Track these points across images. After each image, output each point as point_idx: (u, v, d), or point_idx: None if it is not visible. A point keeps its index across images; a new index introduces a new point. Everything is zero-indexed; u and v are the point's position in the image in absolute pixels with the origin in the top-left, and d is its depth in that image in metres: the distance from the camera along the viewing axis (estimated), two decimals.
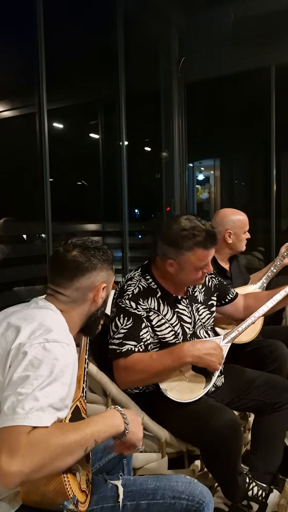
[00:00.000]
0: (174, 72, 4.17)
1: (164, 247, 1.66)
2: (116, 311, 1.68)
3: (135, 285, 1.71)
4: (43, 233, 3.05)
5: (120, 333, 1.62)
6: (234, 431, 1.56)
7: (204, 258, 1.65)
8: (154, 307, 1.70)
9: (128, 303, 1.66)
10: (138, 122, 4.19)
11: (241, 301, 2.04)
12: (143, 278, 1.74)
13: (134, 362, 1.58)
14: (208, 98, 4.36)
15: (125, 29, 3.62)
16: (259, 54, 3.74)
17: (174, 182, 4.31)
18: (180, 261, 1.64)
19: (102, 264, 1.28)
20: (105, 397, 1.68)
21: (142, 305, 1.67)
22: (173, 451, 1.73)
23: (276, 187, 3.96)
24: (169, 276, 1.71)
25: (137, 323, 1.64)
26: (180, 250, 1.62)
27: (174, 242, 1.62)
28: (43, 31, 2.87)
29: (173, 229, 1.63)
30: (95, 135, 4.28)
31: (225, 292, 1.98)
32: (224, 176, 5.90)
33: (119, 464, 1.41)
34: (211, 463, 1.67)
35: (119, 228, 3.80)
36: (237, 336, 1.80)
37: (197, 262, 1.64)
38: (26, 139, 3.30)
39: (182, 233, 1.61)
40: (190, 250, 1.62)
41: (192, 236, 1.60)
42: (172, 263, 1.66)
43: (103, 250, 1.30)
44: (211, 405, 1.64)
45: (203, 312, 1.84)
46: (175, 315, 1.74)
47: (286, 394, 1.81)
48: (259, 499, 1.71)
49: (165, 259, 1.67)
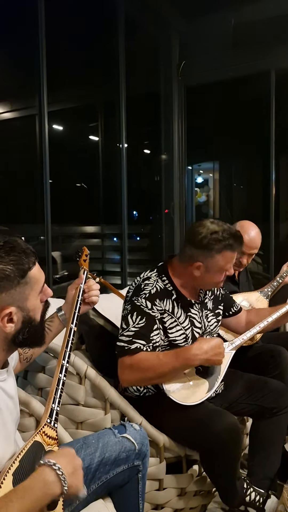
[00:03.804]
0: (174, 76, 4.19)
1: (193, 251, 1.68)
2: (130, 309, 1.66)
3: (153, 285, 1.71)
4: (42, 236, 3.05)
5: (131, 331, 1.61)
6: (235, 435, 1.56)
7: (230, 259, 1.70)
8: (169, 309, 1.70)
9: (144, 302, 1.66)
10: (138, 124, 4.20)
11: (243, 316, 2.04)
12: (159, 279, 1.73)
13: (140, 360, 1.57)
14: (208, 101, 4.37)
15: (126, 33, 3.63)
16: (259, 58, 3.77)
17: (173, 184, 4.32)
18: (208, 263, 1.67)
19: (1, 282, 1.01)
20: (103, 401, 1.68)
21: (158, 306, 1.67)
22: (171, 456, 1.73)
23: (275, 190, 3.97)
24: (190, 279, 1.73)
25: (149, 324, 1.64)
26: (210, 252, 1.65)
27: (205, 245, 1.65)
28: (44, 33, 2.87)
29: (202, 233, 1.66)
30: (94, 137, 4.28)
31: (229, 304, 1.99)
32: (223, 179, 5.91)
33: (134, 477, 1.36)
34: (210, 467, 1.67)
35: (118, 231, 3.80)
36: (241, 344, 1.80)
37: (224, 264, 1.69)
38: (26, 141, 3.30)
39: (212, 236, 1.65)
40: (220, 252, 1.65)
41: (222, 238, 1.64)
42: (199, 266, 1.68)
43: (3, 258, 1.02)
44: (212, 409, 1.64)
45: (212, 319, 1.85)
46: (187, 319, 1.74)
47: (284, 399, 1.81)
48: (256, 505, 1.70)
49: (191, 262, 1.69)
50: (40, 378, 1.73)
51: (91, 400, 1.68)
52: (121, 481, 1.33)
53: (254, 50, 3.72)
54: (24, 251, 1.06)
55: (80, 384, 1.66)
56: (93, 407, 1.68)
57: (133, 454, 1.32)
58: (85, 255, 1.66)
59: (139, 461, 1.34)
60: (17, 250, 1.05)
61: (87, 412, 1.66)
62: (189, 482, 1.76)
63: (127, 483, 1.34)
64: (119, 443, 1.31)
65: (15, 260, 1.03)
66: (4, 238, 1.06)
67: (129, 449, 1.32)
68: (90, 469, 1.25)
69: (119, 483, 1.33)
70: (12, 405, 1.13)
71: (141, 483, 1.36)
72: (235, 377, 1.89)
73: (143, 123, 4.50)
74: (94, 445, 1.30)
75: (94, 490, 1.27)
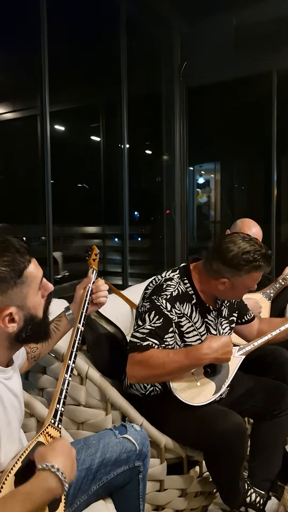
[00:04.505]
0: (175, 76, 4.19)
1: (221, 267, 1.64)
2: (149, 307, 1.65)
3: (175, 287, 1.69)
4: (43, 236, 3.05)
5: (146, 329, 1.60)
6: (240, 435, 1.56)
7: (257, 279, 1.67)
8: (187, 313, 1.69)
9: (164, 303, 1.65)
10: (139, 125, 4.20)
11: (256, 325, 2.02)
12: (182, 282, 1.72)
13: (151, 356, 1.56)
14: (209, 102, 4.37)
15: (128, 33, 3.63)
16: (260, 59, 3.76)
17: (175, 185, 4.32)
18: (235, 281, 1.65)
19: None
20: (104, 402, 1.68)
21: (177, 309, 1.66)
22: (172, 456, 1.73)
23: (277, 191, 3.97)
24: (213, 289, 1.71)
25: (166, 325, 1.63)
26: (239, 272, 1.62)
27: (235, 265, 1.61)
28: (47, 34, 2.88)
29: (233, 251, 1.62)
30: (96, 138, 4.29)
31: (243, 312, 1.98)
32: (224, 180, 5.91)
33: (135, 478, 1.36)
34: (214, 467, 1.67)
35: (119, 231, 3.80)
36: (252, 350, 1.78)
37: (250, 283, 1.67)
38: (28, 141, 3.30)
39: (243, 256, 1.60)
40: (248, 273, 1.63)
41: (253, 259, 1.61)
42: (225, 282, 1.66)
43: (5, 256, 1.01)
44: (217, 409, 1.64)
45: (226, 327, 1.84)
46: (204, 325, 1.73)
47: (285, 400, 1.81)
48: (257, 506, 1.70)
49: (217, 277, 1.66)
50: (42, 378, 1.73)
51: (92, 400, 1.68)
52: (122, 482, 1.33)
53: (255, 51, 3.72)
54: (18, 250, 1.04)
55: (81, 385, 1.66)
56: (94, 407, 1.68)
57: (134, 455, 1.32)
58: (95, 254, 1.64)
59: (140, 461, 1.34)
60: (10, 250, 1.03)
61: (88, 413, 1.66)
62: (190, 483, 1.76)
63: (127, 484, 1.34)
64: (120, 443, 1.31)
65: (10, 261, 1.02)
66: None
67: (129, 450, 1.32)
68: (91, 469, 1.25)
69: (119, 484, 1.33)
70: (17, 403, 1.13)
71: (141, 484, 1.36)
72: (237, 379, 1.89)
73: (145, 124, 4.50)
74: (95, 445, 1.30)
75: (94, 491, 1.27)
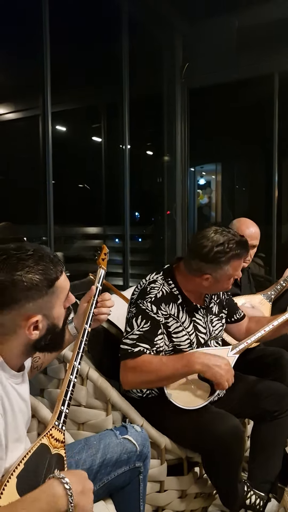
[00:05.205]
0: (177, 78, 4.18)
1: (201, 264, 1.65)
2: (135, 312, 1.66)
3: (159, 288, 1.70)
4: (44, 236, 3.05)
5: (135, 334, 1.61)
6: (237, 438, 1.57)
7: (239, 266, 1.69)
8: (174, 313, 1.70)
9: (149, 306, 1.65)
10: (141, 126, 4.20)
11: (245, 323, 2.03)
12: (166, 283, 1.73)
13: (143, 362, 1.57)
14: (211, 103, 4.38)
15: (130, 34, 3.63)
16: (262, 61, 3.76)
17: (176, 186, 4.32)
18: (217, 275, 1.66)
19: (29, 292, 1.01)
20: (105, 403, 1.68)
21: (163, 311, 1.67)
22: (172, 457, 1.73)
23: (278, 193, 3.97)
24: (198, 287, 1.72)
25: (154, 328, 1.64)
26: (219, 265, 1.63)
27: (211, 259, 1.62)
28: (49, 34, 2.88)
29: (207, 246, 1.62)
30: (97, 139, 4.29)
31: (233, 310, 1.98)
32: (225, 181, 5.91)
33: (135, 479, 1.36)
34: (212, 470, 1.67)
35: (120, 232, 3.80)
36: (245, 348, 1.79)
37: (233, 272, 1.68)
38: (29, 141, 3.30)
39: (218, 248, 1.62)
40: (227, 263, 1.64)
41: (229, 249, 1.62)
42: (208, 278, 1.67)
43: (32, 267, 1.01)
44: (215, 411, 1.64)
45: (216, 324, 1.85)
46: (191, 324, 1.74)
47: (285, 401, 1.80)
48: (257, 508, 1.70)
49: (199, 274, 1.67)
50: (42, 379, 1.73)
51: (93, 401, 1.68)
52: (122, 483, 1.33)
53: (257, 52, 3.71)
54: (52, 260, 1.06)
55: (82, 386, 1.66)
56: (95, 408, 1.68)
57: (134, 456, 1.33)
58: (104, 253, 1.57)
59: (140, 462, 1.34)
60: (45, 260, 1.05)
61: (88, 413, 1.67)
62: (190, 484, 1.77)
63: (128, 485, 1.34)
64: (121, 444, 1.32)
65: (43, 270, 1.03)
66: (32, 247, 1.05)
67: (130, 451, 1.32)
68: (92, 470, 1.26)
69: (120, 484, 1.33)
70: (25, 408, 1.14)
71: (142, 484, 1.36)
72: (236, 380, 1.88)
73: (146, 125, 4.50)
74: (95, 446, 1.30)
75: (95, 491, 1.27)
